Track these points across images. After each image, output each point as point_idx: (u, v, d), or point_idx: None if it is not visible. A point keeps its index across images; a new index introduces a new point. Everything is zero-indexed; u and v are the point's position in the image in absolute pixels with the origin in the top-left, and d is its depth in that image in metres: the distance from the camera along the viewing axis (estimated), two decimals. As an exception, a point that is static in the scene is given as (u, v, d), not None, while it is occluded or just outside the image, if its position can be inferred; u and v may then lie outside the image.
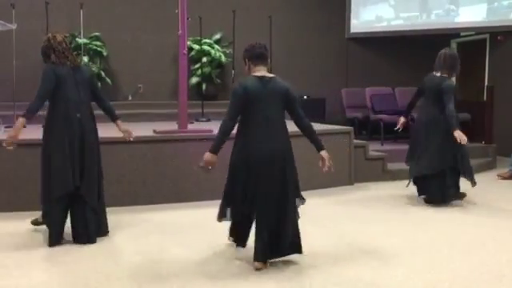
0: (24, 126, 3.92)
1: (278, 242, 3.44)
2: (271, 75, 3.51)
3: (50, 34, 4.13)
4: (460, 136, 4.92)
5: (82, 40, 7.36)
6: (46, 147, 3.99)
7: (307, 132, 3.60)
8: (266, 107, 3.42)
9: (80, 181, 3.97)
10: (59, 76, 3.91)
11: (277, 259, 3.52)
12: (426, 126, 5.25)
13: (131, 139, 4.38)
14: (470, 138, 6.58)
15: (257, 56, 3.49)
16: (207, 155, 3.40)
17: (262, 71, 3.48)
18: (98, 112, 4.22)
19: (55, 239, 3.94)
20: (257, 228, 3.44)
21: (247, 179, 3.42)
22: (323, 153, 3.58)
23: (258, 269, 3.42)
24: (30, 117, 3.87)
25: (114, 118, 4.28)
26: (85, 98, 4.04)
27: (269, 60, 3.55)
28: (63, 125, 3.91)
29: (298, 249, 3.54)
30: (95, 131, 4.13)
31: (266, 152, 3.40)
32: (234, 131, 3.53)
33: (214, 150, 3.40)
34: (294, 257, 3.59)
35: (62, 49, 4.01)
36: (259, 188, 3.40)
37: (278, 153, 3.44)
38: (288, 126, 3.61)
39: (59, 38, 4.06)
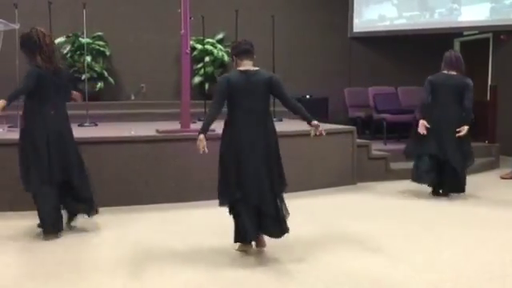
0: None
1: (260, 220, 3.60)
2: (256, 68, 3.65)
3: (37, 29, 4.12)
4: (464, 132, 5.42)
5: (84, 40, 7.37)
6: (21, 145, 4.12)
7: (295, 110, 3.73)
8: (250, 100, 3.59)
9: (70, 173, 4.11)
10: (42, 79, 4.01)
11: (280, 263, 3.52)
12: (453, 124, 5.43)
13: None
14: (474, 138, 6.59)
15: (242, 52, 3.67)
16: (199, 137, 3.58)
17: (246, 65, 3.65)
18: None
19: (49, 229, 4.05)
20: (244, 210, 3.58)
21: (235, 166, 3.58)
22: (314, 122, 3.72)
23: (240, 250, 3.68)
24: (9, 104, 3.98)
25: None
26: (61, 99, 4.18)
27: (254, 55, 3.70)
28: (38, 121, 4.02)
29: (284, 229, 3.63)
30: (70, 130, 4.26)
31: (248, 140, 3.57)
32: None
33: (203, 130, 3.58)
34: (296, 255, 3.60)
35: (49, 52, 4.08)
36: (245, 172, 3.56)
37: (260, 140, 3.60)
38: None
39: (48, 39, 4.11)
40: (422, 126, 5.44)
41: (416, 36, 9.08)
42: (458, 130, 5.35)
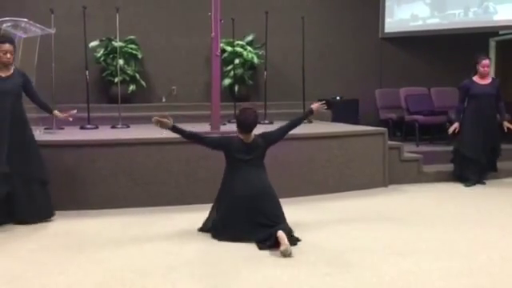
0: None
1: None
2: (252, 138, 4.11)
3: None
4: None
5: (117, 43, 7.51)
6: None
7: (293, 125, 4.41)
8: (247, 165, 4.07)
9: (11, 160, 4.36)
10: None
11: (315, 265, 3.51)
12: None
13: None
14: (510, 140, 6.44)
15: (244, 129, 4.10)
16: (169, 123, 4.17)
17: (245, 136, 4.11)
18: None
19: None
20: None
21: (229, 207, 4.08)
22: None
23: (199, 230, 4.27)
24: None
25: None
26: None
27: (254, 129, 4.12)
28: None
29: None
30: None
31: (244, 191, 4.00)
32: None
33: (175, 129, 4.20)
34: (328, 260, 3.57)
35: None
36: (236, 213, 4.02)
37: (256, 192, 4.01)
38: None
39: None
40: None
41: (449, 36, 8.90)
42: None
